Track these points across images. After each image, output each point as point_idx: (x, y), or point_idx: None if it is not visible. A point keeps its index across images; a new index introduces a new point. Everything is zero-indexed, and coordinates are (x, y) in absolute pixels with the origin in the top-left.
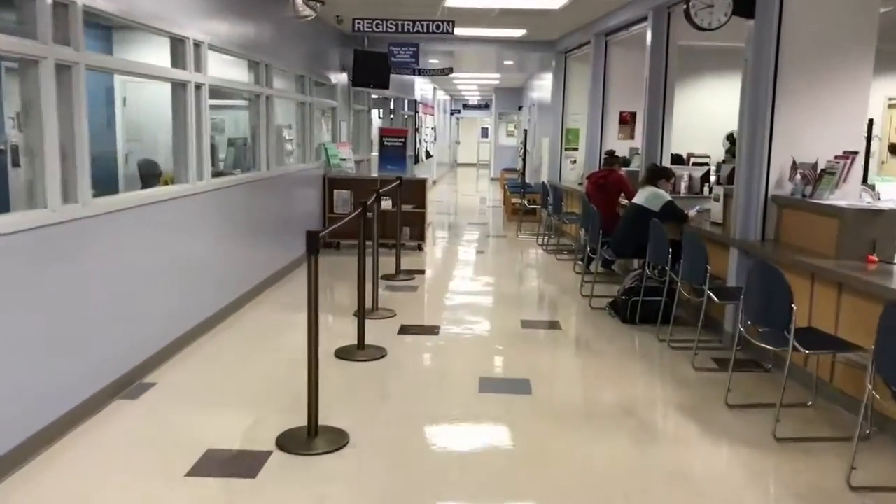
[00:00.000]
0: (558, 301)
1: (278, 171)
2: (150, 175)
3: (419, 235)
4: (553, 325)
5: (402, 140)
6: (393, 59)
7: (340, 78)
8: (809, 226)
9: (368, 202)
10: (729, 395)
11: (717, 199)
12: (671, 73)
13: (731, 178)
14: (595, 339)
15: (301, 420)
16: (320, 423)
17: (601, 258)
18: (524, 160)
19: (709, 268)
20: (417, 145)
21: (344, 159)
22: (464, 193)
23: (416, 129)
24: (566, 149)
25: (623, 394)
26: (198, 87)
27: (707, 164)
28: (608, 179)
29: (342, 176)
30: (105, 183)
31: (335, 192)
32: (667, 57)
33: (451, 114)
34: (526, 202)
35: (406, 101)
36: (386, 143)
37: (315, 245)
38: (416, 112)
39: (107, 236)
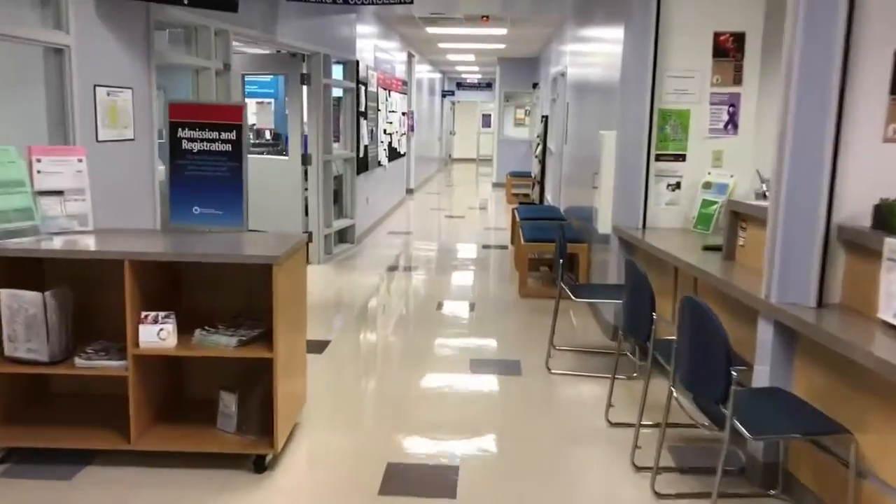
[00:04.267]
0: None
1: None
2: None
3: (260, 424)
4: None
5: (232, 136)
6: None
7: None
8: None
9: None
10: None
11: None
12: None
13: None
14: None
15: None
16: None
17: None
18: (542, 163)
19: None
20: (364, 142)
21: (46, 193)
22: (451, 212)
23: (362, 114)
24: (657, 157)
25: None
26: None
27: None
28: None
29: (31, 249)
30: None
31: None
32: None
33: (443, 96)
34: (562, 278)
35: (343, 67)
36: (185, 143)
37: None
38: (362, 85)
39: None
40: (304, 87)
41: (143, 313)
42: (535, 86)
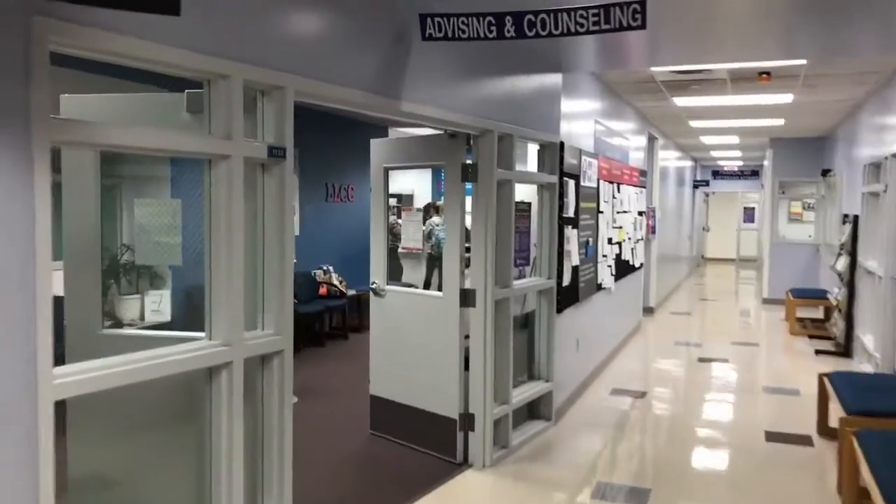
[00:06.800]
0: None
1: None
2: None
3: None
4: None
5: None
6: None
7: None
8: None
9: None
10: None
11: None
12: None
13: None
14: None
15: None
16: None
17: None
18: (850, 285)
19: None
20: (573, 262)
21: None
22: (707, 350)
23: (569, 221)
24: None
25: None
26: None
27: None
28: None
29: None
30: None
31: None
32: None
33: (695, 187)
34: None
35: (538, 153)
36: None
37: None
38: (570, 178)
39: None
40: (464, 180)
41: None
42: (825, 173)
